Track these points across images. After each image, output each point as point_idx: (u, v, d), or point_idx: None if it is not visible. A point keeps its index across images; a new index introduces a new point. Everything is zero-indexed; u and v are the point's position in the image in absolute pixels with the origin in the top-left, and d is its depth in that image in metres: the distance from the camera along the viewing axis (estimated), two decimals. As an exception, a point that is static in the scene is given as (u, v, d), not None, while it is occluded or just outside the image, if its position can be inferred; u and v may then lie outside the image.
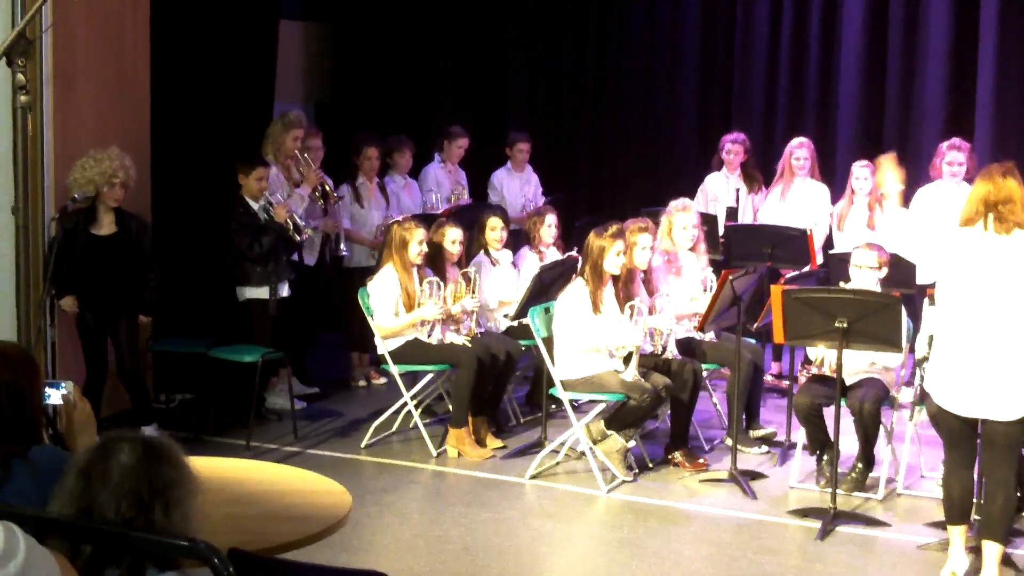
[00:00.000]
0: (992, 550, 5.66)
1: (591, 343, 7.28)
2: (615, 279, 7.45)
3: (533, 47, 12.21)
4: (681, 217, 7.98)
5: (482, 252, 8.44)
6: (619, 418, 7.30)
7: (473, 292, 8.00)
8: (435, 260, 8.00)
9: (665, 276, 7.86)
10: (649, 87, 11.92)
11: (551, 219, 8.77)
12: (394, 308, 7.77)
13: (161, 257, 7.83)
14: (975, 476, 5.83)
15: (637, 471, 7.39)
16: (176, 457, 2.81)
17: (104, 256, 7.52)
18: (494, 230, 8.51)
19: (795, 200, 9.51)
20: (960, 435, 5.72)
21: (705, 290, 7.89)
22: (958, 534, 5.82)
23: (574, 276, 7.52)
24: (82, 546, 2.72)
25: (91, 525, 2.70)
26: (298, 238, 8.40)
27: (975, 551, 5.81)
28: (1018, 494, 6.63)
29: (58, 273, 7.20)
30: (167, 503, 2.73)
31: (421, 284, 7.82)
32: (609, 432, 7.33)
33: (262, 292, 8.26)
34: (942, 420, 5.79)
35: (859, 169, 9.21)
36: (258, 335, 8.22)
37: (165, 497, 2.73)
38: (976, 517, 5.91)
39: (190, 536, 2.66)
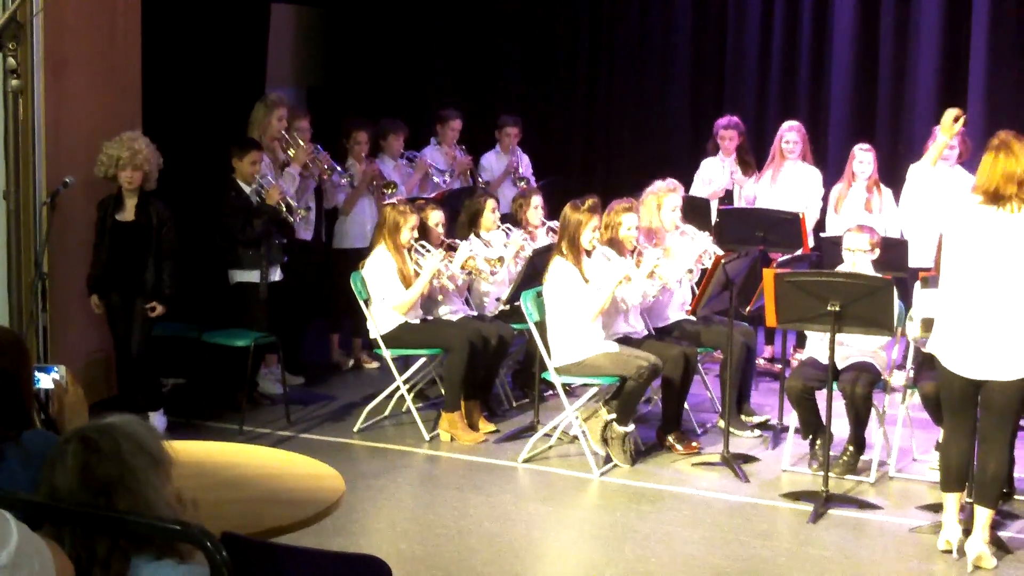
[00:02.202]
0: (983, 514, 5.79)
1: (595, 306, 7.25)
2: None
3: (525, 31, 12.20)
4: (671, 198, 7.96)
5: (472, 235, 8.41)
6: (624, 405, 7.26)
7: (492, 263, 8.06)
8: (423, 241, 8.03)
9: None
10: (641, 71, 11.91)
11: (536, 201, 8.78)
12: (400, 283, 7.78)
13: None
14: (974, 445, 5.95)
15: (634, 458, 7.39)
16: (117, 447, 2.76)
17: (124, 242, 7.60)
18: (494, 211, 8.52)
19: (786, 183, 9.50)
20: (961, 401, 5.84)
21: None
22: (952, 501, 5.93)
23: (552, 255, 7.51)
24: (63, 535, 2.71)
25: (83, 510, 2.70)
26: (291, 219, 8.40)
27: (967, 532, 5.88)
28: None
29: (92, 267, 7.66)
30: (111, 500, 2.71)
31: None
32: (622, 426, 7.29)
33: (253, 275, 8.25)
34: (945, 385, 5.92)
35: (861, 152, 9.17)
36: (249, 319, 8.22)
37: (109, 496, 2.71)
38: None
39: (182, 520, 2.65)
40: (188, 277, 7.97)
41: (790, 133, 9.51)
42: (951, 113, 7.07)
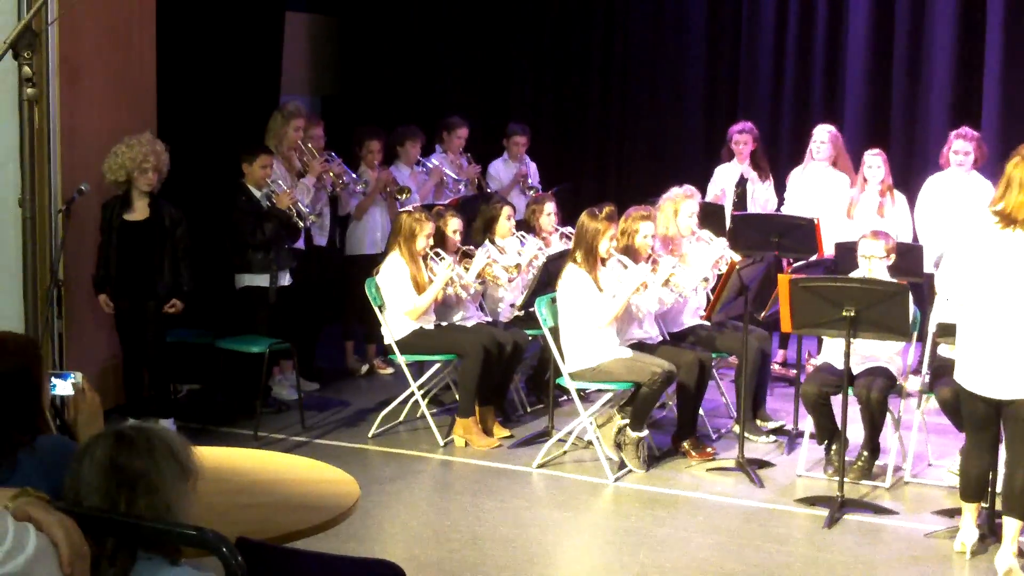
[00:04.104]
0: (1012, 526, 5.76)
1: (610, 313, 7.24)
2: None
3: (538, 38, 12.21)
4: (688, 204, 7.95)
5: (487, 242, 8.41)
6: (638, 410, 7.26)
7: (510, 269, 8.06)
8: (437, 249, 8.03)
9: None
10: (655, 77, 11.91)
11: (550, 207, 8.78)
12: (413, 289, 7.79)
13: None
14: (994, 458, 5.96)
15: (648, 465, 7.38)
16: (151, 447, 2.77)
17: (136, 242, 7.60)
18: (510, 219, 8.53)
19: (809, 185, 9.45)
20: (984, 419, 5.84)
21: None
22: (970, 509, 5.96)
23: (566, 262, 7.50)
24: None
25: (98, 514, 2.70)
26: (301, 225, 8.42)
27: (983, 537, 5.90)
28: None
29: (98, 268, 7.64)
30: (133, 494, 2.71)
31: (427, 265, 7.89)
32: (635, 432, 7.29)
33: (262, 279, 8.26)
34: (967, 404, 5.89)
35: (871, 157, 9.15)
36: (257, 323, 8.23)
37: (132, 489, 2.71)
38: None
39: (195, 525, 2.66)
40: (201, 283, 7.99)
41: (820, 132, 9.45)
42: None
